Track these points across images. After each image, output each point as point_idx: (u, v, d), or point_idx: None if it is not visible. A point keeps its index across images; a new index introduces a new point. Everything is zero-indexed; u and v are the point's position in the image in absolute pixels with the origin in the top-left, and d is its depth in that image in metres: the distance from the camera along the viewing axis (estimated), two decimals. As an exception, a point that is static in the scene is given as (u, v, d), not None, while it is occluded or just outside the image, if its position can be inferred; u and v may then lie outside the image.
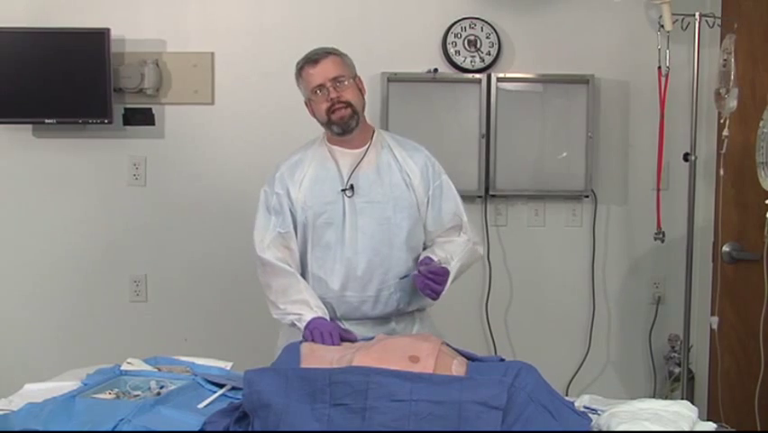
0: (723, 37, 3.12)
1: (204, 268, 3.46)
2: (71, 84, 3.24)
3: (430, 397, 1.62)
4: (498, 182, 3.46)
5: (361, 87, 2.36)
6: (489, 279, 3.51)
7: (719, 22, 3.19)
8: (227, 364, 2.24)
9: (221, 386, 2.03)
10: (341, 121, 2.30)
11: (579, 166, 3.50)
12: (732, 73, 2.99)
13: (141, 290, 3.46)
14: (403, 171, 2.36)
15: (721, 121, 3.11)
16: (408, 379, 1.66)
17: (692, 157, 3.20)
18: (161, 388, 2.01)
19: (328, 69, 2.28)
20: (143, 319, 3.45)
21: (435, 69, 3.42)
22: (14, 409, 1.85)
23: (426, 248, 2.39)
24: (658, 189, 3.34)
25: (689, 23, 3.15)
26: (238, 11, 3.42)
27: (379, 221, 2.32)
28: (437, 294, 2.23)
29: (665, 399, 1.95)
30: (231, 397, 1.97)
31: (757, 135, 2.83)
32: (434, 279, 2.20)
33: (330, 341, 2.11)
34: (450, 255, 2.31)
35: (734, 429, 2.00)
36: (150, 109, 3.41)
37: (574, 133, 3.49)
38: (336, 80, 2.28)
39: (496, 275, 3.52)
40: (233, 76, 3.42)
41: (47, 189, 3.41)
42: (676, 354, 3.54)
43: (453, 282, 2.29)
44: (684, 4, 3.17)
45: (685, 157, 3.21)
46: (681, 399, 2.51)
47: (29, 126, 3.38)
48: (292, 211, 2.34)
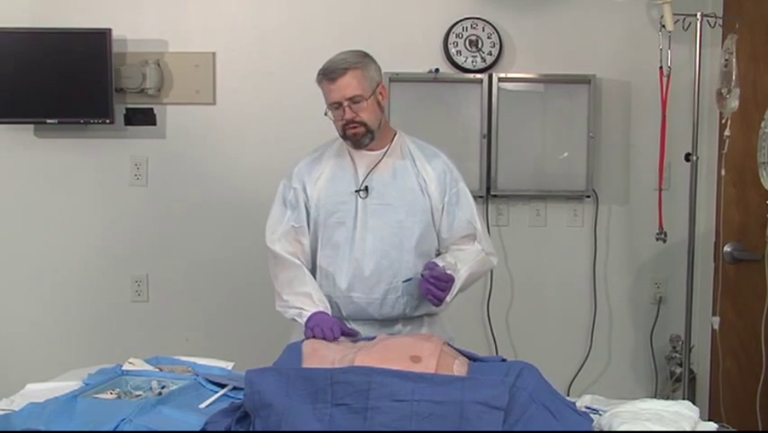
0: (724, 37, 3.12)
1: (205, 268, 3.47)
2: (73, 84, 3.25)
3: (431, 397, 1.62)
4: (500, 182, 3.47)
5: (380, 100, 2.30)
6: (491, 279, 3.50)
7: (721, 22, 3.19)
8: (228, 364, 2.24)
9: (222, 386, 2.03)
10: (354, 138, 2.28)
11: (580, 166, 3.50)
12: (733, 73, 2.99)
13: (142, 289, 3.46)
14: (419, 176, 2.34)
15: (722, 121, 3.11)
16: (410, 379, 1.66)
17: (694, 157, 3.19)
18: (163, 388, 2.01)
19: (345, 88, 2.22)
20: (145, 319, 3.46)
21: (437, 70, 3.42)
22: (16, 409, 1.85)
23: (439, 255, 2.37)
24: (659, 189, 3.33)
25: (690, 22, 3.15)
26: (239, 11, 3.42)
27: (390, 224, 2.30)
28: (439, 300, 2.21)
29: (666, 399, 1.95)
30: (232, 397, 1.97)
31: (759, 135, 2.82)
32: (435, 284, 2.19)
33: (330, 335, 2.11)
34: (459, 263, 2.29)
35: (735, 430, 2.00)
36: (152, 109, 3.41)
37: (576, 134, 3.49)
38: (353, 100, 2.24)
39: (497, 275, 3.51)
40: (234, 76, 3.43)
41: (48, 189, 3.41)
42: (677, 354, 3.54)
43: (463, 291, 2.28)
44: (686, 3, 3.17)
45: (686, 157, 3.21)
46: (683, 399, 2.50)
47: (30, 126, 3.38)
48: (307, 207, 2.34)
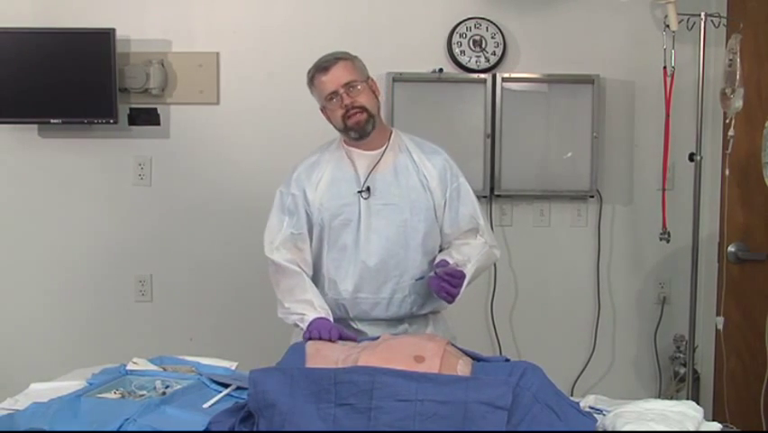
0: (728, 37, 3.11)
1: (209, 268, 3.47)
2: (77, 84, 3.25)
3: (435, 397, 1.62)
4: (504, 182, 3.46)
5: (374, 89, 2.33)
6: (495, 279, 3.50)
7: (725, 21, 3.18)
8: (232, 364, 2.24)
9: (226, 386, 2.03)
10: (357, 126, 2.28)
11: (584, 166, 3.49)
12: (737, 73, 2.98)
13: (146, 289, 3.46)
14: (420, 174, 2.34)
15: (727, 121, 3.10)
16: (414, 379, 1.66)
17: (698, 157, 3.19)
18: (167, 388, 2.01)
19: (339, 75, 2.25)
20: (149, 319, 3.46)
21: (441, 69, 3.42)
22: (20, 409, 1.86)
23: (442, 250, 2.37)
24: (663, 189, 3.33)
25: (694, 22, 3.15)
26: (243, 11, 3.42)
27: (395, 223, 2.30)
28: (452, 297, 2.22)
29: (670, 399, 1.95)
30: (236, 397, 1.98)
31: (763, 135, 2.82)
32: (449, 281, 2.20)
33: (327, 336, 2.11)
34: (466, 258, 2.30)
35: (739, 430, 2.00)
36: (156, 109, 3.41)
37: (579, 133, 3.49)
38: (349, 86, 2.25)
39: (501, 275, 3.51)
40: (238, 76, 3.43)
41: (52, 189, 3.41)
42: (681, 354, 3.53)
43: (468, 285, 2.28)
44: (690, 3, 3.17)
45: (690, 157, 3.21)
46: (687, 399, 2.50)
47: (34, 126, 3.38)
48: (308, 212, 2.33)
